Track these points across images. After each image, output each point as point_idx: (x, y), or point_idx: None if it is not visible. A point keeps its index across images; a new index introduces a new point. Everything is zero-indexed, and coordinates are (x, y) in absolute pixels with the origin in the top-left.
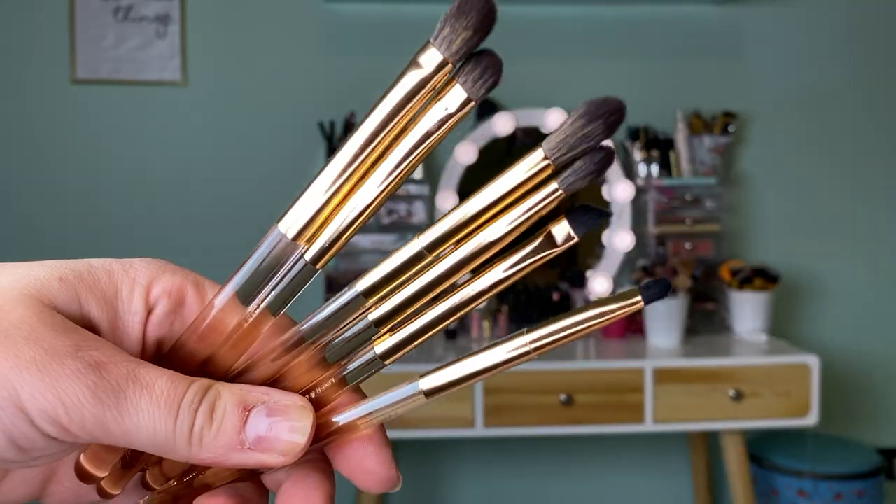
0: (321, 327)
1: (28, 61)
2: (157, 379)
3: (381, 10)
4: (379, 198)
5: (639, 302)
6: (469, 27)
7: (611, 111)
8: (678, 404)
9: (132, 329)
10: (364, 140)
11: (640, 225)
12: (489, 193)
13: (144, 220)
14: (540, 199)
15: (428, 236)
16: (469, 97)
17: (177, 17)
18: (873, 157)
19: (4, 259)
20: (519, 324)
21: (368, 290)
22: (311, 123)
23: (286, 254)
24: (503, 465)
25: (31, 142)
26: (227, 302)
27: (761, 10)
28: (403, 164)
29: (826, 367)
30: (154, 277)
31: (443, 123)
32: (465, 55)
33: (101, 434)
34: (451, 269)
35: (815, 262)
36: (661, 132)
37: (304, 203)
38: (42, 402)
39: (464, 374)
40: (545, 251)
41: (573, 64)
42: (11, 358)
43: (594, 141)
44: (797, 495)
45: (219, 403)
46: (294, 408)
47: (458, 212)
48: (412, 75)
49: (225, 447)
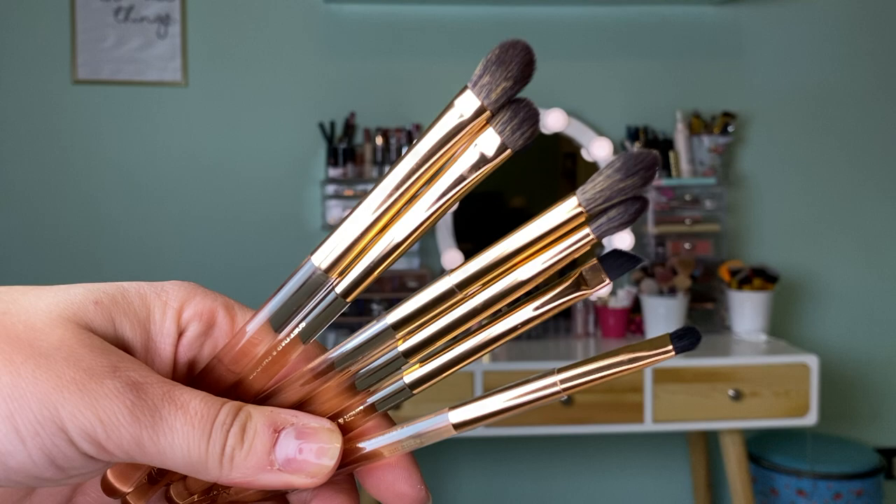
0: (350, 356)
1: (29, 62)
2: (191, 399)
3: (381, 10)
4: (412, 236)
5: (670, 351)
6: (510, 77)
7: (647, 166)
8: (678, 404)
9: (164, 351)
10: (399, 179)
11: (640, 225)
12: (522, 236)
13: (145, 219)
14: (572, 243)
15: (459, 274)
16: (506, 145)
17: (177, 17)
18: (873, 157)
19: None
20: None
21: (398, 322)
22: (311, 123)
23: (318, 285)
24: (503, 465)
25: (31, 142)
26: (259, 329)
27: (761, 10)
28: (437, 205)
29: (825, 367)
30: (185, 301)
31: (478, 168)
32: (503, 104)
33: (136, 453)
34: (481, 306)
35: (814, 262)
36: (660, 132)
37: (338, 237)
38: (82, 420)
39: (493, 410)
40: (577, 292)
41: (573, 64)
42: (53, 378)
43: (629, 195)
44: (796, 495)
45: (250, 424)
46: (323, 430)
47: (492, 252)
48: (449, 118)
49: (255, 467)
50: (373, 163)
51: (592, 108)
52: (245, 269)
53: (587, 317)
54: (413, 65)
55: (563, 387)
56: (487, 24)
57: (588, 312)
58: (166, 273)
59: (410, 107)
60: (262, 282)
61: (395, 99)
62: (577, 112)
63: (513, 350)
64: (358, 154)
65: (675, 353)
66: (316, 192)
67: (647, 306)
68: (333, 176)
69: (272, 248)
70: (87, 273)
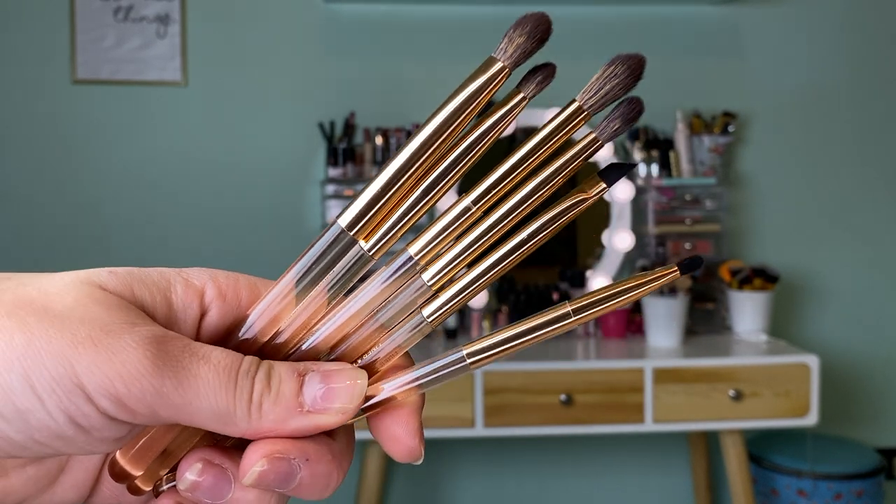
0: (374, 297)
1: (28, 61)
2: (212, 351)
3: (381, 10)
4: (443, 189)
5: (675, 271)
6: (524, 34)
7: (631, 56)
8: (678, 404)
9: (186, 325)
10: (424, 140)
11: (640, 225)
12: (530, 141)
13: (145, 219)
14: (580, 150)
15: (476, 191)
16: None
17: (177, 17)
18: (873, 157)
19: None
20: None
21: (420, 249)
22: (311, 123)
23: (345, 246)
24: (503, 465)
25: (31, 142)
26: (285, 295)
27: (761, 10)
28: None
29: (826, 367)
30: (207, 280)
31: (502, 119)
32: (519, 60)
33: (160, 407)
34: (498, 220)
35: (815, 262)
36: (660, 132)
37: (365, 198)
38: (99, 376)
39: (507, 339)
40: (577, 198)
41: (573, 64)
42: (68, 336)
43: (618, 80)
44: (797, 495)
45: (273, 372)
46: (346, 370)
47: (504, 164)
48: (474, 80)
49: (285, 411)
50: (373, 163)
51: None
52: (245, 268)
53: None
54: (413, 65)
55: (576, 316)
56: (487, 24)
57: None
58: None
59: (410, 107)
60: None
61: (395, 99)
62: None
63: None
64: (358, 154)
65: (680, 273)
66: (316, 192)
67: (647, 306)
68: (333, 176)
69: (272, 247)
70: None
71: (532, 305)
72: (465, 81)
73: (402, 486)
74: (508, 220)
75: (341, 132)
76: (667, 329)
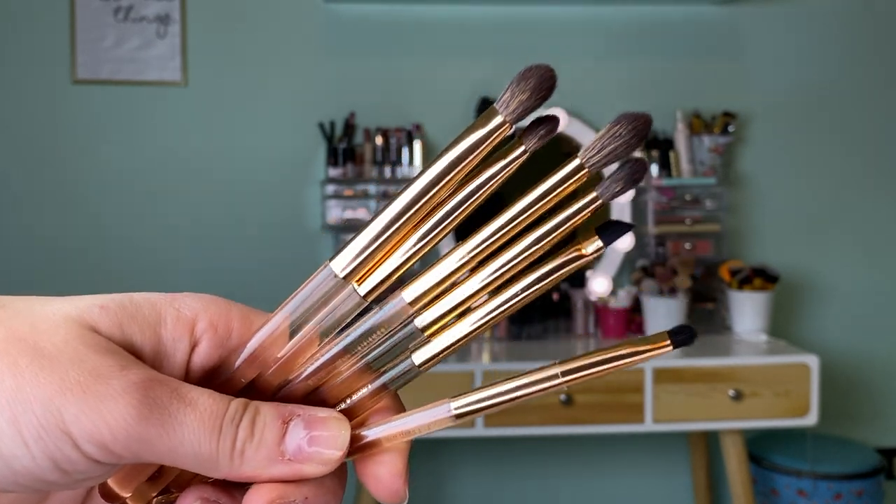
0: (364, 337)
1: (28, 61)
2: (199, 396)
3: (381, 10)
4: (437, 239)
5: (668, 345)
6: (526, 90)
7: (636, 116)
8: (678, 404)
9: (175, 358)
10: (421, 190)
11: (640, 225)
12: (530, 195)
13: (145, 219)
14: (580, 207)
15: (473, 241)
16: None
17: (177, 17)
18: (873, 157)
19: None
20: (519, 324)
21: (415, 297)
22: (311, 123)
23: (336, 290)
24: (503, 465)
25: (31, 142)
26: (275, 332)
27: (761, 10)
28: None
29: (826, 367)
30: (199, 311)
31: (502, 171)
32: (521, 116)
33: (145, 452)
34: (496, 269)
35: (815, 262)
36: (660, 132)
37: (359, 243)
38: (86, 424)
39: (494, 400)
40: (573, 255)
41: (573, 64)
42: (56, 381)
43: (622, 140)
44: (797, 495)
45: (259, 418)
46: (331, 419)
47: (502, 216)
48: (474, 131)
49: (266, 459)
50: (373, 163)
51: (592, 108)
52: (245, 268)
53: (587, 317)
54: (413, 65)
55: (564, 379)
56: (487, 24)
57: (588, 312)
58: (166, 272)
59: (410, 107)
60: (262, 281)
61: (395, 99)
62: (577, 112)
63: (513, 350)
64: (358, 154)
65: (673, 347)
66: (316, 192)
67: (647, 306)
68: (333, 176)
69: (272, 247)
70: (88, 272)
71: (532, 305)
72: (466, 131)
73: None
74: (504, 272)
75: (341, 132)
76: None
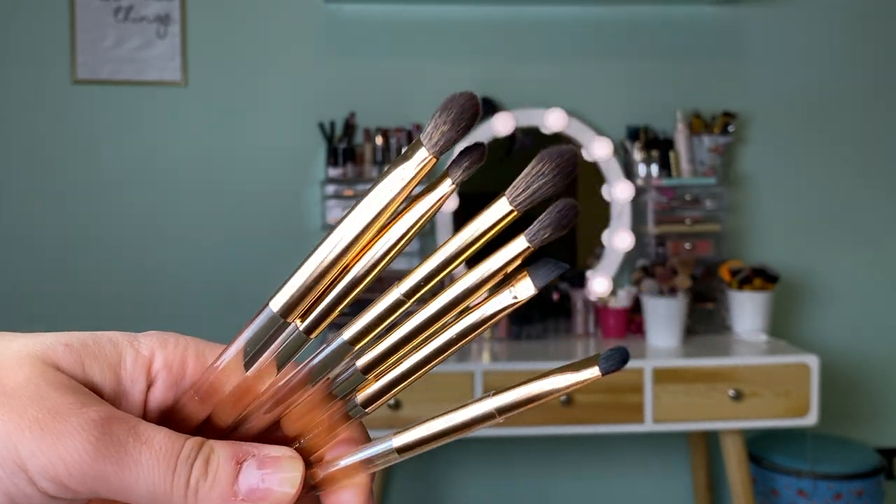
0: (311, 376)
1: (28, 61)
2: (155, 434)
3: (381, 10)
4: (371, 275)
5: (596, 372)
6: (448, 122)
7: (560, 153)
8: (678, 404)
9: (134, 398)
10: (356, 228)
11: (640, 225)
12: (459, 238)
13: (145, 219)
14: (511, 255)
15: (406, 284)
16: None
17: (177, 17)
18: (873, 157)
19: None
20: (519, 324)
21: (354, 337)
22: (311, 123)
23: (280, 327)
24: (503, 465)
25: (31, 142)
26: (224, 368)
27: (761, 10)
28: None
29: (826, 367)
30: (155, 350)
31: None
32: (445, 148)
33: (101, 488)
34: (428, 319)
35: (815, 262)
36: (660, 132)
37: (296, 281)
38: (42, 460)
39: (434, 433)
40: (509, 304)
41: (573, 64)
42: (15, 418)
43: (545, 179)
44: (797, 495)
45: (213, 457)
46: (284, 459)
47: (433, 258)
48: (399, 166)
49: (219, 498)
50: (373, 162)
51: (592, 108)
52: (245, 268)
53: (587, 317)
54: (413, 65)
55: (500, 417)
56: (487, 25)
57: (588, 313)
58: (166, 271)
59: (410, 107)
60: (262, 281)
61: (395, 99)
62: (577, 112)
63: (513, 350)
64: (358, 154)
65: (602, 374)
66: (316, 192)
67: (647, 306)
68: (333, 176)
69: (272, 247)
70: (88, 272)
71: (532, 306)
72: (390, 166)
73: (403, 486)
74: (440, 317)
75: (341, 132)
76: (667, 329)
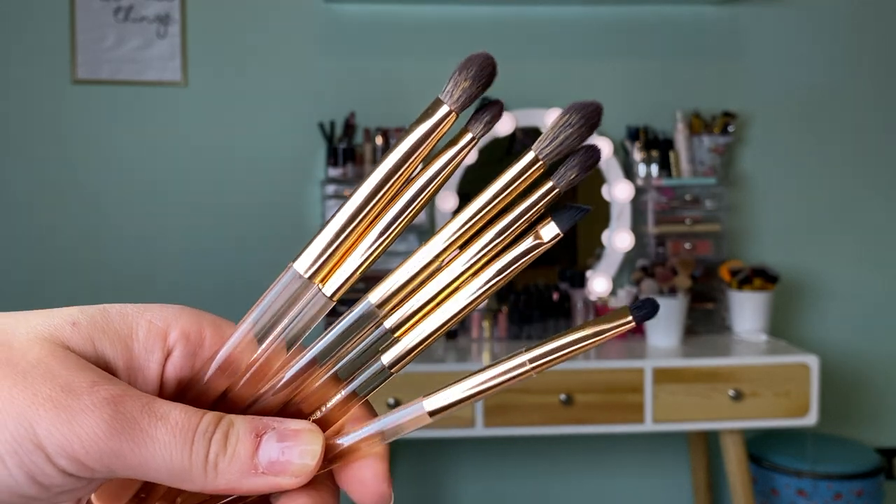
0: (334, 344)
1: (28, 61)
2: (171, 410)
3: (381, 10)
4: (392, 234)
5: (630, 321)
6: (468, 78)
7: (586, 105)
8: (678, 404)
9: (149, 370)
10: (378, 183)
11: (640, 225)
12: (489, 191)
13: (145, 219)
14: (539, 197)
15: (438, 239)
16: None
17: (177, 17)
18: (873, 157)
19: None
20: (519, 324)
21: (382, 300)
22: (311, 123)
23: (302, 291)
24: (503, 465)
25: (31, 142)
26: (244, 340)
27: (761, 10)
28: (415, 202)
29: (826, 367)
30: (171, 321)
31: (452, 159)
32: (465, 104)
33: (118, 466)
34: (461, 265)
35: (815, 262)
36: (660, 132)
37: (320, 242)
38: (59, 437)
39: (467, 394)
40: (534, 248)
41: (573, 64)
42: (28, 396)
43: (573, 129)
44: (797, 495)
45: (232, 431)
46: (304, 431)
47: (464, 213)
48: (422, 122)
49: (239, 472)
50: (373, 163)
51: None
52: (245, 268)
53: (587, 317)
54: (413, 65)
55: (532, 365)
56: (487, 24)
57: (588, 312)
58: (166, 271)
59: (410, 107)
60: (262, 281)
61: (395, 99)
62: None
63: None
64: (358, 154)
65: (636, 322)
66: (316, 192)
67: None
68: (333, 176)
69: (272, 247)
70: (88, 272)
71: (532, 305)
72: (413, 124)
73: (403, 486)
74: (468, 268)
75: (341, 132)
76: (667, 329)
